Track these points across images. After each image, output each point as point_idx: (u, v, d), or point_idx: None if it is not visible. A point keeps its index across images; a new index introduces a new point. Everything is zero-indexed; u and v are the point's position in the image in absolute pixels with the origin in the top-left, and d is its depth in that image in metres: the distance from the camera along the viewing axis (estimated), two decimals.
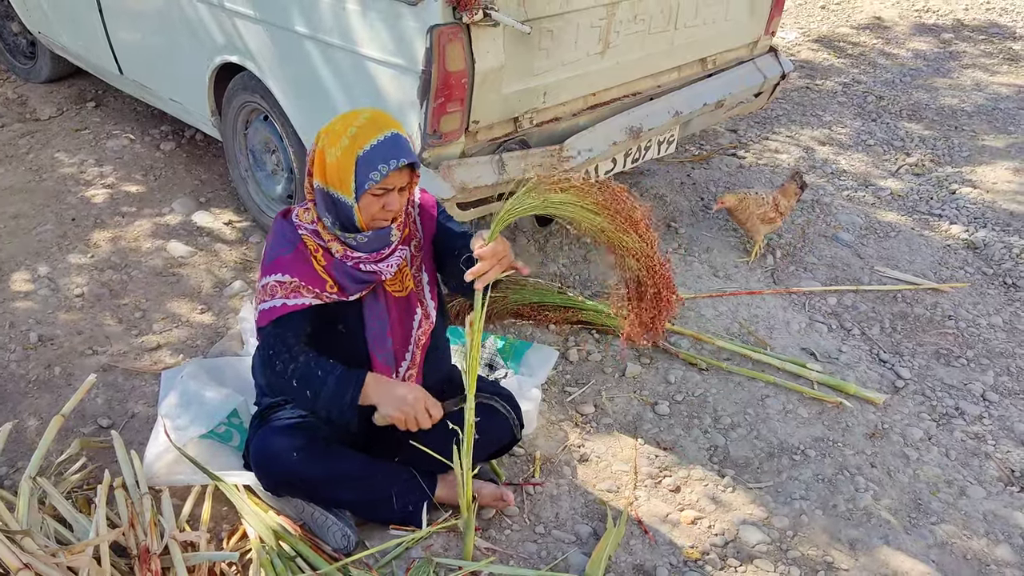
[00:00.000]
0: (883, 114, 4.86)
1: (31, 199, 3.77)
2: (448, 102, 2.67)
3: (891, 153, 4.48)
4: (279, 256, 1.97)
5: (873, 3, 6.62)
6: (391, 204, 1.92)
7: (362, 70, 2.82)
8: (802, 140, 4.61)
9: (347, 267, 1.98)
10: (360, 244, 1.97)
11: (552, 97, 3.00)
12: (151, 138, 4.38)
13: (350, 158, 1.86)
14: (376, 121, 1.89)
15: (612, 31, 3.02)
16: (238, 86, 3.40)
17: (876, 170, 4.31)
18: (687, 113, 3.38)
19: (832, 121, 4.80)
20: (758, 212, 3.49)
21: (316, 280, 1.96)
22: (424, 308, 2.12)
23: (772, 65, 3.70)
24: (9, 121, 4.50)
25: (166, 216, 3.71)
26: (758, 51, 3.70)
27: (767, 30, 3.63)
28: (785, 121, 4.83)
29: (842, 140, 4.60)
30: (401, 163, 1.87)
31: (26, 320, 2.99)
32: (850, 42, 5.96)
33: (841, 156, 4.44)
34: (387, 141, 1.87)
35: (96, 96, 4.80)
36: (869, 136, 4.62)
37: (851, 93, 5.13)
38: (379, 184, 1.87)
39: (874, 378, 2.96)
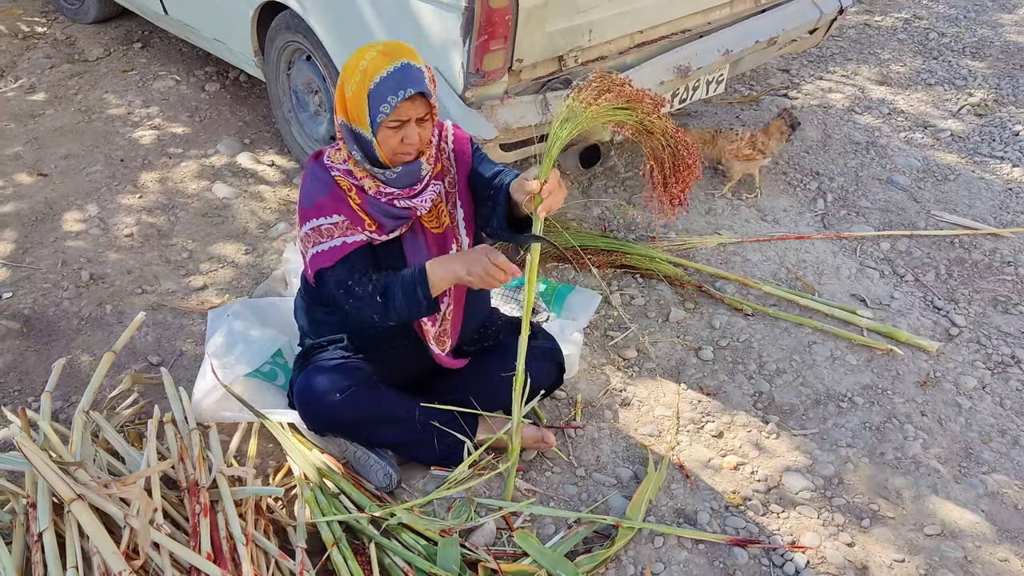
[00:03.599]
0: (945, 52, 4.65)
1: (80, 140, 3.81)
2: (491, 40, 2.61)
3: (952, 92, 4.29)
4: (319, 199, 1.95)
5: None
6: (410, 137, 1.88)
7: (404, 8, 2.77)
8: (857, 79, 4.44)
9: (381, 204, 1.96)
10: (391, 179, 1.94)
11: (598, 35, 2.91)
12: (196, 79, 4.38)
13: (363, 92, 1.83)
14: (388, 52, 1.84)
15: None
16: (281, 25, 3.37)
17: (936, 110, 4.14)
18: (738, 51, 3.27)
19: (890, 59, 4.61)
20: (729, 148, 3.40)
21: (355, 219, 1.95)
22: (459, 244, 2.11)
23: (829, 0, 3.54)
24: (58, 62, 4.53)
25: (211, 157, 3.73)
26: None
27: None
28: (840, 59, 4.65)
29: (900, 79, 4.42)
30: (408, 93, 1.81)
31: (78, 259, 3.05)
32: None
33: (899, 96, 4.27)
34: (396, 72, 1.82)
35: (142, 37, 4.81)
36: (929, 75, 4.43)
37: (912, 30, 4.91)
38: (392, 116, 1.84)
39: (927, 325, 2.88)
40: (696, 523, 2.16)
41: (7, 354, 2.61)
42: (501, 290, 2.92)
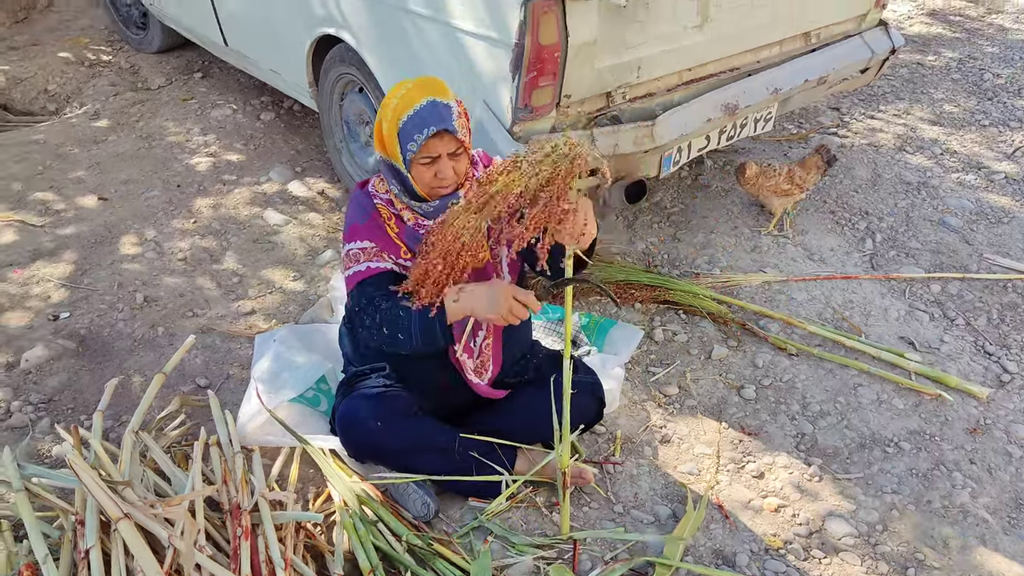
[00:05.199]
0: (1000, 93, 4.58)
1: (140, 165, 3.94)
2: (540, 76, 2.65)
3: (1007, 134, 4.22)
4: (355, 224, 2.02)
5: None
6: (443, 171, 1.92)
7: (455, 43, 2.83)
8: (909, 119, 4.40)
9: (419, 235, 2.00)
10: (428, 212, 1.99)
11: (646, 72, 2.94)
12: (252, 108, 4.51)
13: (393, 129, 1.88)
14: (418, 89, 1.89)
15: (712, 3, 2.93)
16: (335, 58, 3.46)
17: (989, 152, 4.08)
18: (787, 90, 3.26)
19: (943, 99, 4.55)
20: (768, 184, 3.39)
21: (391, 246, 2.01)
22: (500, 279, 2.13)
23: (881, 39, 3.52)
24: (122, 89, 4.70)
25: (263, 184, 3.82)
26: (867, 25, 3.53)
27: (877, 2, 3.46)
28: (892, 99, 4.61)
29: (953, 119, 4.36)
30: (431, 131, 1.85)
31: (133, 281, 3.14)
32: (966, 16, 5.63)
33: (952, 136, 4.21)
34: (422, 110, 1.86)
35: (203, 67, 4.96)
36: (983, 116, 4.37)
37: (966, 70, 4.85)
38: (421, 153, 1.88)
39: (978, 371, 2.82)
40: (735, 565, 2.13)
41: (62, 373, 2.69)
42: (543, 322, 2.94)
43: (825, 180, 3.80)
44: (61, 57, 5.02)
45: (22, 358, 2.71)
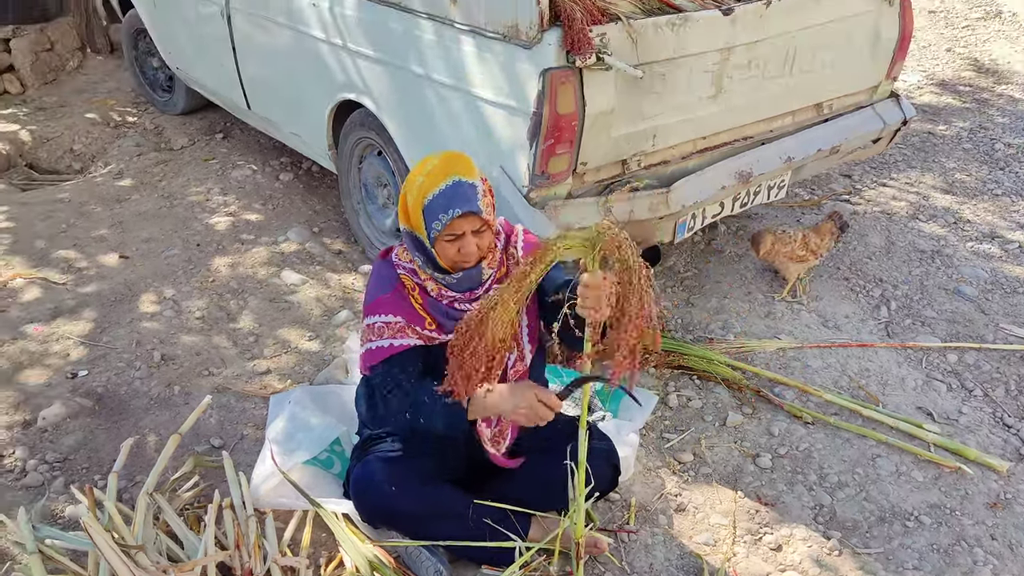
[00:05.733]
0: (1011, 163, 4.62)
1: (162, 224, 4.00)
2: (557, 144, 2.70)
3: (1020, 203, 4.24)
4: (379, 296, 2.02)
5: (1002, 48, 6.32)
6: (466, 248, 1.93)
7: (474, 110, 2.89)
8: (921, 187, 4.43)
9: (442, 306, 2.01)
10: (451, 284, 2.00)
11: (661, 140, 2.99)
12: (272, 169, 4.59)
13: (418, 207, 1.90)
14: (443, 167, 1.91)
15: (725, 76, 3.00)
16: (355, 122, 3.53)
17: (1003, 221, 4.09)
18: (800, 159, 3.31)
19: (956, 168, 4.59)
20: (784, 251, 3.41)
21: (416, 318, 2.01)
22: (520, 349, 2.13)
23: (893, 111, 3.58)
24: (147, 150, 4.80)
25: (281, 244, 3.87)
26: (878, 96, 3.59)
27: (889, 75, 3.52)
28: (904, 167, 4.65)
29: (966, 188, 4.40)
30: (456, 213, 1.87)
31: (151, 339, 3.16)
32: (977, 86, 5.70)
33: (965, 205, 4.24)
34: (447, 190, 1.88)
35: (225, 128, 5.07)
36: (996, 185, 4.40)
37: (977, 140, 4.90)
38: (446, 231, 1.90)
39: (997, 443, 2.79)
40: None
41: (79, 431, 2.70)
42: (557, 387, 2.93)
43: (839, 246, 3.82)
44: (88, 118, 5.15)
45: (39, 416, 2.72)
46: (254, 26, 3.91)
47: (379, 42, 3.18)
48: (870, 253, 3.83)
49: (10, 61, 5.50)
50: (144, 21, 5.00)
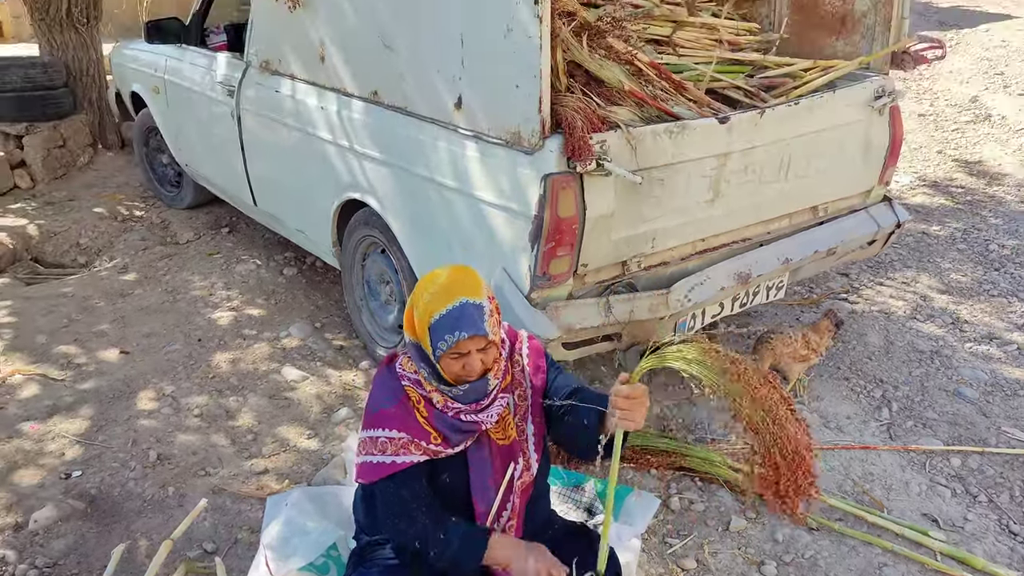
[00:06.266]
0: (1006, 263, 4.67)
1: (164, 319, 4.02)
2: (558, 247, 2.74)
3: (1016, 304, 4.28)
4: (383, 409, 2.00)
5: (993, 150, 6.48)
6: (471, 365, 1.93)
7: (477, 212, 2.94)
8: (918, 287, 4.47)
9: (448, 418, 2.00)
10: (458, 396, 1.98)
11: (661, 242, 3.04)
12: (276, 263, 4.64)
13: (425, 324, 1.91)
14: (450, 286, 1.91)
15: (723, 180, 3.07)
16: (359, 220, 3.59)
17: (1001, 322, 4.12)
18: (797, 260, 3.36)
19: (951, 268, 4.65)
20: (787, 351, 3.43)
21: (421, 433, 1.99)
22: (526, 459, 2.11)
23: (886, 214, 3.65)
24: (152, 244, 4.86)
25: (283, 339, 3.88)
26: (872, 200, 3.67)
27: (881, 179, 3.60)
28: (900, 267, 4.71)
29: (962, 288, 4.44)
30: (462, 336, 1.88)
31: (148, 438, 3.14)
32: (968, 188, 5.83)
33: (962, 306, 4.27)
34: (454, 311, 1.88)
35: (230, 223, 5.15)
36: (992, 286, 4.45)
37: (971, 240, 4.97)
38: (451, 350, 1.91)
39: (1004, 551, 2.74)
40: None
41: (69, 535, 2.64)
42: (559, 488, 2.90)
43: (838, 346, 3.83)
44: (95, 212, 5.23)
45: (31, 519, 2.67)
46: (263, 126, 4.02)
47: (385, 144, 3.27)
48: (869, 353, 3.84)
49: (22, 157, 5.63)
50: (156, 120, 5.14)
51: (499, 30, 2.64)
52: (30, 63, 5.78)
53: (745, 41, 3.68)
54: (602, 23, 3.02)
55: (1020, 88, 7.70)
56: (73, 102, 6.04)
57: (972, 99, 7.59)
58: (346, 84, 3.48)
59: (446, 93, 2.96)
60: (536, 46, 2.53)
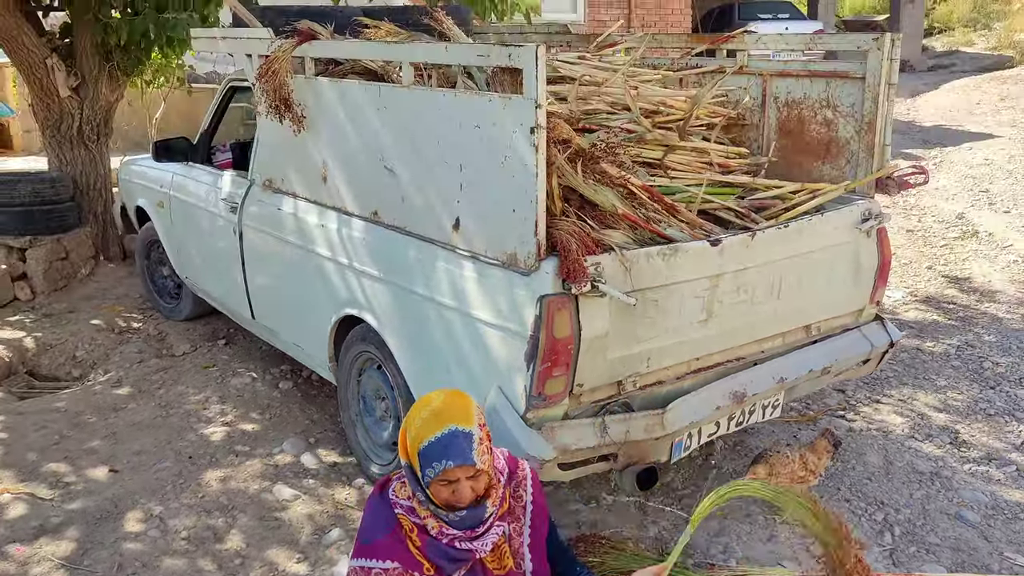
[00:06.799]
0: (1001, 382, 4.68)
1: (155, 435, 3.98)
2: (554, 367, 2.76)
3: (1013, 424, 4.26)
4: (376, 539, 1.97)
5: (982, 267, 6.59)
6: (460, 492, 1.92)
7: (473, 331, 2.98)
8: (916, 405, 4.46)
9: (442, 545, 1.97)
10: (454, 522, 1.96)
11: (656, 362, 3.05)
12: (271, 376, 4.64)
13: (415, 449, 1.92)
14: (440, 414, 1.92)
15: (716, 301, 3.11)
16: (357, 336, 3.62)
17: (999, 443, 4.09)
18: (792, 379, 3.37)
19: (947, 386, 4.65)
20: (786, 472, 3.40)
21: (414, 564, 1.95)
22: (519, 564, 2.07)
23: (879, 334, 3.68)
24: (147, 356, 4.87)
25: (276, 456, 3.83)
26: (864, 319, 3.70)
27: (872, 299, 3.65)
28: (896, 383, 4.71)
29: (959, 407, 4.43)
30: (448, 465, 1.88)
31: (133, 563, 3.06)
32: (960, 304, 5.89)
33: (960, 425, 4.25)
34: (443, 439, 1.89)
35: (227, 335, 5.17)
36: (988, 405, 4.44)
37: (965, 357, 4.99)
38: (440, 477, 1.90)
39: None
40: None
41: None
42: None
43: (837, 465, 3.79)
44: (93, 324, 5.26)
45: None
46: (264, 242, 4.10)
47: (384, 263, 3.33)
48: (869, 474, 3.80)
49: (24, 269, 5.70)
50: (159, 233, 5.24)
51: (497, 158, 2.74)
52: (38, 178, 5.94)
53: (735, 164, 3.79)
54: (596, 149, 3.13)
55: (1005, 205, 7.91)
56: (78, 215, 6.16)
57: (959, 216, 7.77)
58: (347, 203, 3.57)
59: (445, 215, 3.04)
60: (532, 173, 2.63)
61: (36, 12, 6.18)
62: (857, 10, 22.70)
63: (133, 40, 5.80)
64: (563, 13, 12.38)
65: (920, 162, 9.67)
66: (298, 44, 3.62)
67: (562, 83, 3.70)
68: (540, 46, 2.55)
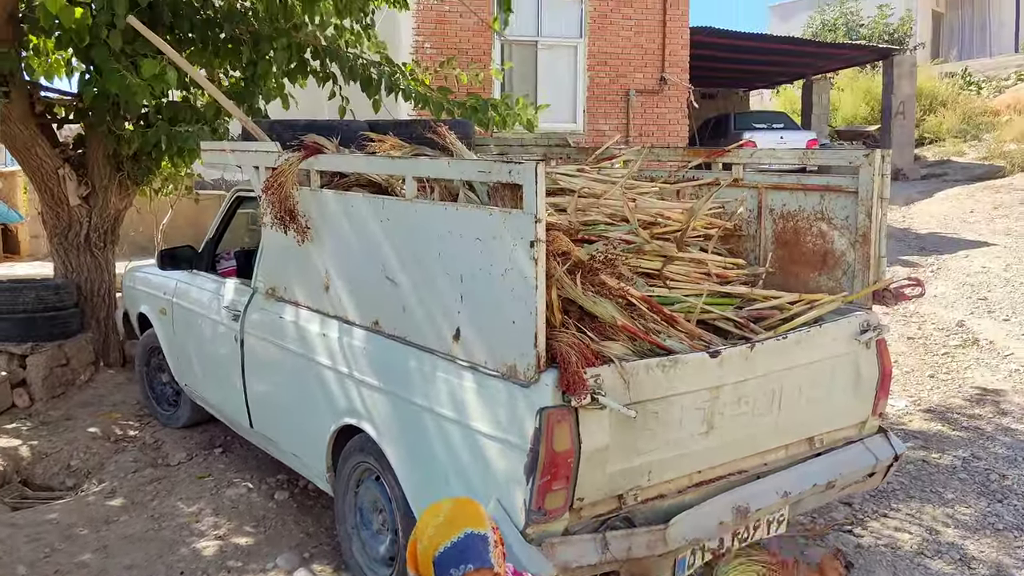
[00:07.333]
0: (1008, 495, 4.60)
1: (147, 549, 3.89)
2: (554, 481, 2.73)
3: (1022, 540, 4.16)
4: None
5: (984, 376, 6.58)
6: None
7: (472, 442, 2.95)
8: (924, 519, 4.37)
9: None
10: None
11: (657, 475, 3.02)
12: (267, 487, 4.56)
13: (429, 557, 1.90)
14: (454, 519, 1.93)
15: (716, 413, 3.10)
16: (355, 447, 3.59)
17: (1009, 559, 3.98)
18: (797, 493, 3.31)
19: (954, 500, 4.56)
20: None
21: None
22: None
23: (883, 447, 3.63)
24: (142, 466, 4.80)
25: (269, 572, 3.74)
26: (867, 431, 3.66)
27: (874, 411, 3.62)
28: (903, 496, 4.62)
29: (967, 521, 4.33)
30: (468, 569, 1.86)
31: None
32: (964, 414, 5.84)
33: (968, 540, 4.15)
34: (459, 543, 1.88)
35: (224, 443, 5.12)
36: (997, 519, 4.35)
37: (971, 470, 4.92)
38: None
39: None
40: None
41: None
42: None
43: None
44: (89, 432, 5.22)
45: None
46: (265, 350, 4.11)
47: (384, 372, 3.34)
48: None
49: (24, 376, 5.69)
50: (160, 340, 5.26)
51: (497, 270, 2.78)
52: (43, 285, 6.00)
53: (733, 275, 3.84)
54: (595, 261, 3.18)
55: (1004, 313, 7.94)
56: (81, 322, 6.19)
57: (958, 323, 7.79)
58: (348, 313, 3.60)
59: (445, 325, 3.06)
60: (532, 286, 2.66)
61: (51, 124, 6.38)
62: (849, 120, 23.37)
63: (145, 151, 5.97)
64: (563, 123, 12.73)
65: (918, 269, 9.78)
66: (304, 158, 3.73)
67: (562, 195, 3.79)
68: (539, 163, 2.63)
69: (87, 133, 6.35)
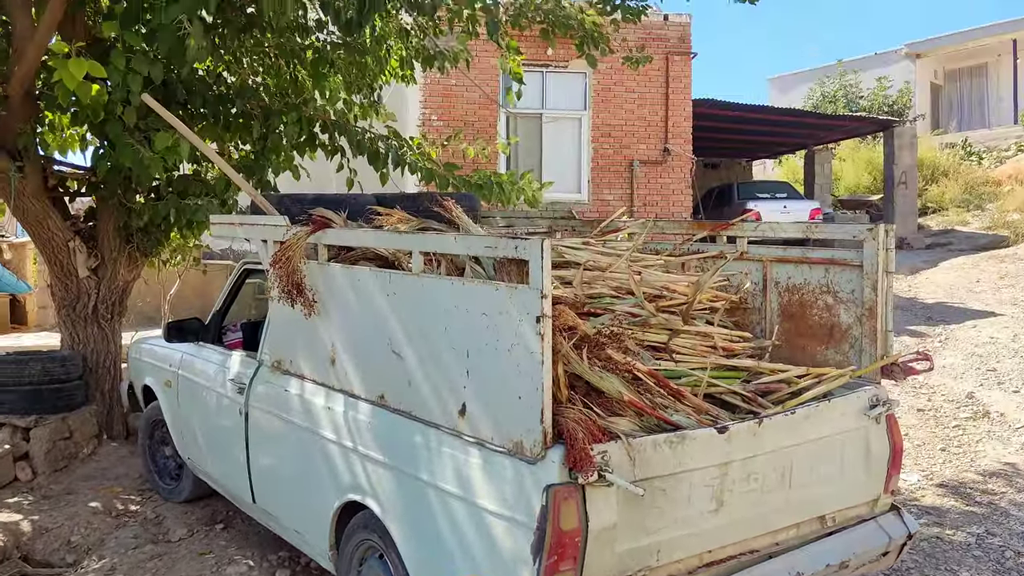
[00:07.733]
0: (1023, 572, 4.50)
1: None
2: (561, 560, 2.67)
3: None
4: None
5: (996, 449, 6.48)
6: None
7: (478, 520, 2.90)
8: None
9: None
10: None
11: (666, 555, 2.95)
12: (269, 564, 4.47)
13: None
14: None
15: (725, 490, 3.05)
16: (359, 524, 3.53)
17: None
18: (809, 574, 3.23)
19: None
20: None
21: None
22: None
23: (896, 525, 3.56)
24: (143, 542, 4.73)
25: None
26: (879, 509, 3.59)
27: (886, 489, 3.56)
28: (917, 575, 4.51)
29: None
30: None
31: None
32: (978, 489, 5.74)
33: None
34: None
35: (226, 518, 5.04)
36: None
37: (986, 547, 4.81)
38: None
39: None
40: None
41: None
42: None
43: None
44: (91, 507, 5.15)
45: None
46: (269, 424, 4.08)
47: (389, 447, 3.30)
48: None
49: (27, 449, 5.65)
50: (164, 413, 5.23)
51: (503, 345, 2.78)
52: (49, 357, 6.00)
53: (739, 348, 3.82)
54: (601, 336, 3.17)
55: (1014, 385, 7.87)
56: (85, 394, 6.18)
57: (968, 395, 7.72)
58: (354, 387, 3.59)
59: (451, 400, 3.05)
60: (538, 361, 2.65)
61: (63, 198, 6.48)
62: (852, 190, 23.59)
63: (155, 223, 6.05)
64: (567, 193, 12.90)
65: (926, 340, 9.73)
66: (312, 232, 3.76)
67: (567, 267, 3.81)
68: (545, 239, 2.65)
69: (99, 206, 6.43)
